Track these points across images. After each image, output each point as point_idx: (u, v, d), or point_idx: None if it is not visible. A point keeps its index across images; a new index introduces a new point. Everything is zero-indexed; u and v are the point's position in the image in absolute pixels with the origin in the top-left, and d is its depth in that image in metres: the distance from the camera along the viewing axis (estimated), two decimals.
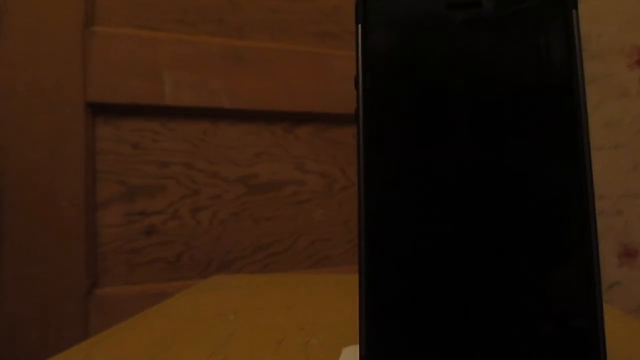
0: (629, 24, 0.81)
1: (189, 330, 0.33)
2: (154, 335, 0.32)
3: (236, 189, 0.75)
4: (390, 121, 0.17)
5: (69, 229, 0.64)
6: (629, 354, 0.27)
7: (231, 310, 0.38)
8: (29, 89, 0.63)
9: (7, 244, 0.62)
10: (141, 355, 0.28)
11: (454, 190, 0.17)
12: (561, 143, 0.16)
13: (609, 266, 0.81)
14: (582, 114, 0.16)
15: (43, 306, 0.63)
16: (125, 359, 0.28)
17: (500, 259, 0.16)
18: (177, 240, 0.71)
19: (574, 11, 0.17)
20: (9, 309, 0.62)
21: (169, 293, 0.46)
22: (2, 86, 0.62)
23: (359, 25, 0.18)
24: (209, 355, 0.27)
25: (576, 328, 0.16)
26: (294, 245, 0.78)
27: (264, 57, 0.75)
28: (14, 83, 0.63)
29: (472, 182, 0.16)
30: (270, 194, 0.77)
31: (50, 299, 0.64)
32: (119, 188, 0.69)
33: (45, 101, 0.64)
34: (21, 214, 0.63)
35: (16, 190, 0.62)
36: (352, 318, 0.18)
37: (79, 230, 0.65)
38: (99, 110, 0.67)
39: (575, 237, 0.16)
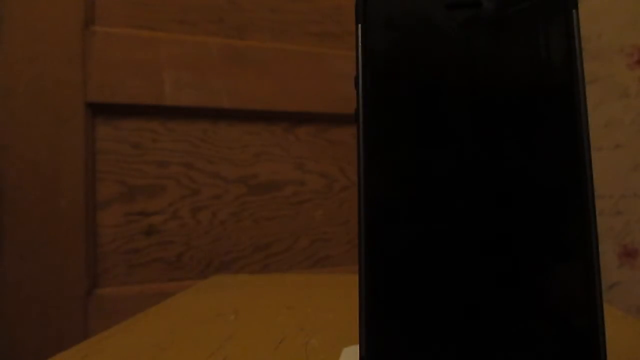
0: (629, 24, 0.81)
1: (189, 330, 0.33)
2: (154, 335, 0.32)
3: (236, 189, 0.75)
4: (390, 121, 0.17)
5: (69, 229, 0.64)
6: (629, 354, 0.27)
7: (231, 310, 0.38)
8: (29, 89, 0.63)
9: (7, 244, 0.62)
10: (141, 356, 0.28)
11: (454, 190, 0.17)
12: (561, 143, 0.16)
13: (609, 266, 0.81)
14: (582, 114, 0.16)
15: (43, 306, 0.63)
16: (125, 359, 0.27)
17: (500, 259, 0.16)
18: (177, 240, 0.71)
19: (574, 11, 0.17)
20: (9, 309, 0.62)
21: (169, 293, 0.46)
22: (2, 86, 0.62)
23: (359, 25, 0.18)
24: (208, 355, 0.27)
25: (576, 328, 0.16)
26: (294, 245, 0.78)
27: (264, 57, 0.75)
28: (14, 83, 0.63)
29: (471, 182, 0.16)
30: (270, 194, 0.77)
31: (50, 299, 0.63)
32: (119, 188, 0.69)
33: (45, 101, 0.64)
34: (21, 214, 0.63)
35: (16, 190, 0.62)
36: (352, 318, 0.18)
37: (79, 230, 0.65)
38: (99, 110, 0.67)
39: (575, 237, 0.16)
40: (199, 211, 0.72)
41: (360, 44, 0.18)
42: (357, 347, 0.16)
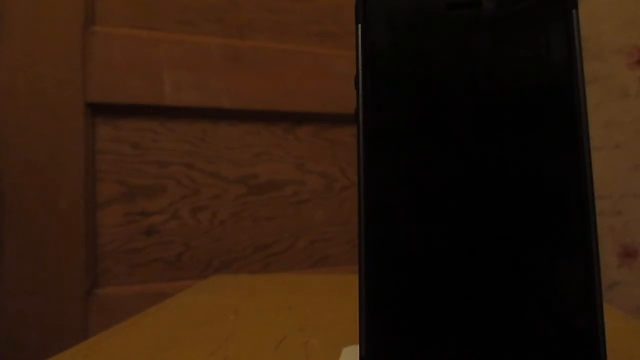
0: (629, 24, 0.81)
1: (189, 330, 0.33)
2: (154, 335, 0.32)
3: (236, 189, 0.75)
4: (390, 121, 0.17)
5: (69, 229, 0.64)
6: (629, 354, 0.27)
7: (231, 310, 0.38)
8: (29, 89, 0.63)
9: (7, 244, 0.62)
10: (141, 355, 0.28)
11: (454, 189, 0.17)
12: (561, 143, 0.16)
13: (609, 266, 0.81)
14: (582, 114, 0.16)
15: (43, 306, 0.63)
16: (125, 359, 0.27)
17: (500, 259, 0.16)
18: (177, 240, 0.71)
19: (574, 11, 0.17)
20: (9, 309, 0.62)
21: (169, 293, 0.46)
22: (2, 86, 0.62)
23: (359, 25, 0.18)
24: (209, 355, 0.27)
25: (576, 328, 0.16)
26: (294, 245, 0.78)
27: (264, 57, 0.75)
28: (14, 83, 0.63)
29: (471, 182, 0.16)
30: (270, 194, 0.77)
31: (50, 299, 0.63)
32: (119, 188, 0.69)
33: (45, 101, 0.64)
34: (21, 214, 0.63)
35: (16, 190, 0.62)
36: (352, 318, 0.18)
37: (79, 231, 0.65)
38: (99, 110, 0.67)
39: (575, 237, 0.16)
40: (199, 211, 0.72)
41: (360, 44, 0.18)
42: (357, 347, 0.16)
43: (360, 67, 0.17)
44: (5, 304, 0.62)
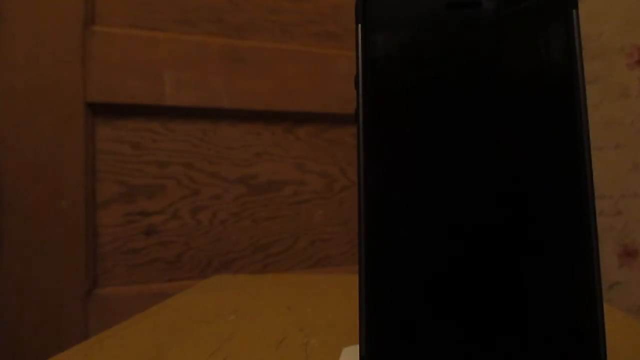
0: (629, 24, 0.81)
1: (189, 330, 0.33)
2: (154, 335, 0.32)
3: (236, 189, 0.75)
4: (390, 121, 0.17)
5: (69, 229, 0.64)
6: (629, 354, 0.27)
7: (231, 311, 0.38)
8: (29, 89, 0.63)
9: (7, 244, 0.62)
10: (141, 355, 0.28)
11: (454, 190, 0.17)
12: (561, 143, 0.16)
13: (609, 266, 0.81)
14: (582, 114, 0.16)
15: (43, 306, 0.63)
16: (125, 359, 0.27)
17: (500, 259, 0.16)
18: (177, 240, 0.71)
19: (574, 11, 0.17)
20: (9, 310, 0.62)
21: (169, 293, 0.46)
22: (2, 86, 0.62)
23: (359, 25, 0.18)
24: (209, 355, 0.27)
25: (576, 328, 0.16)
26: (294, 245, 0.78)
27: (264, 57, 0.75)
28: (14, 83, 0.63)
29: (471, 182, 0.16)
30: (270, 194, 0.77)
31: (50, 299, 0.63)
32: (119, 188, 0.69)
33: (45, 101, 0.64)
34: (21, 214, 0.63)
35: (16, 190, 0.62)
36: (352, 318, 0.18)
37: (79, 230, 0.65)
38: (99, 110, 0.67)
39: (575, 237, 0.16)
40: (199, 211, 0.72)
41: (360, 44, 0.18)
42: (357, 347, 0.16)
43: (360, 67, 0.17)
44: (5, 304, 0.62)
